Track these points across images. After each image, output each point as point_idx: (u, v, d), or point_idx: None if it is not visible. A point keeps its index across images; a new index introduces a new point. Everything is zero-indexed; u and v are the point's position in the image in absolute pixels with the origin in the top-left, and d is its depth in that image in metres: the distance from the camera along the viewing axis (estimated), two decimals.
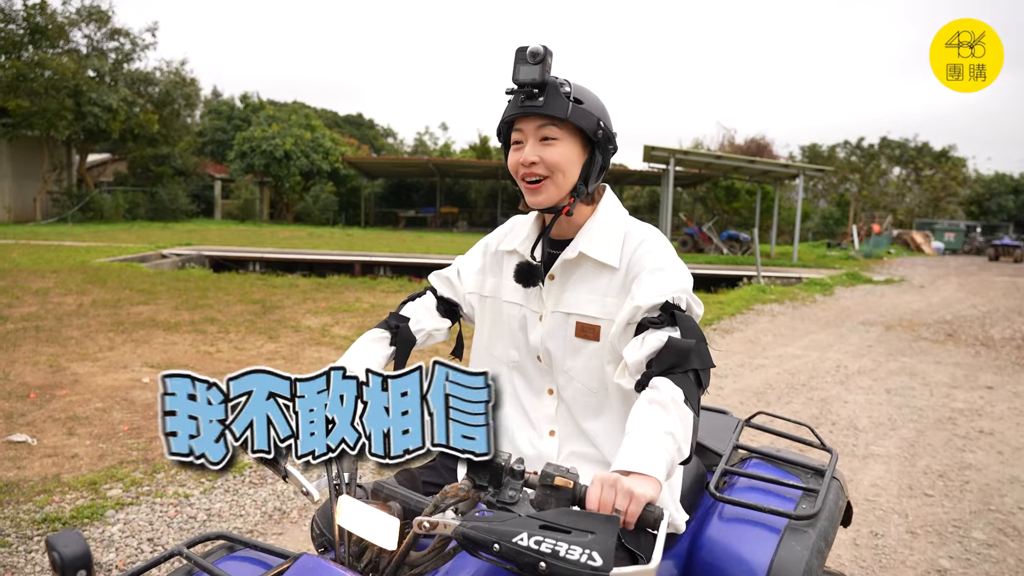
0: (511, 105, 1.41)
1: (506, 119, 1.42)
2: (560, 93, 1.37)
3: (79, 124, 22.49)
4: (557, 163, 1.39)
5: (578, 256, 1.45)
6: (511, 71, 1.36)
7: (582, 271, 1.46)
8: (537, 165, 1.39)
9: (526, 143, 1.41)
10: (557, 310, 1.47)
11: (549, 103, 1.36)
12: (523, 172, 1.41)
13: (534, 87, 1.36)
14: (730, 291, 12.87)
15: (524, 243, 1.54)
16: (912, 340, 8.22)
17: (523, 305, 1.52)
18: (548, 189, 1.41)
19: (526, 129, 1.40)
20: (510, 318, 1.54)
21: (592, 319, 1.43)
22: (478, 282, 1.63)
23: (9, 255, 12.90)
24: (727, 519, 1.53)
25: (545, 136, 1.39)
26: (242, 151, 29.81)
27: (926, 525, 3.35)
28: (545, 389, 1.50)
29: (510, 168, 1.46)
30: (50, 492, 3.30)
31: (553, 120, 1.37)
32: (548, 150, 1.39)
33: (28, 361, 5.71)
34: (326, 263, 15.17)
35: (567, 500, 0.95)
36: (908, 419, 5.07)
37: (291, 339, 6.98)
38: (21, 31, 22.20)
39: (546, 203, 1.42)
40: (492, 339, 1.58)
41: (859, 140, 41.21)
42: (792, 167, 21.39)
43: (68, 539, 0.77)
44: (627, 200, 36.30)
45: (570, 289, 1.47)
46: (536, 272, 1.47)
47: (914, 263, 20.14)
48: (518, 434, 1.50)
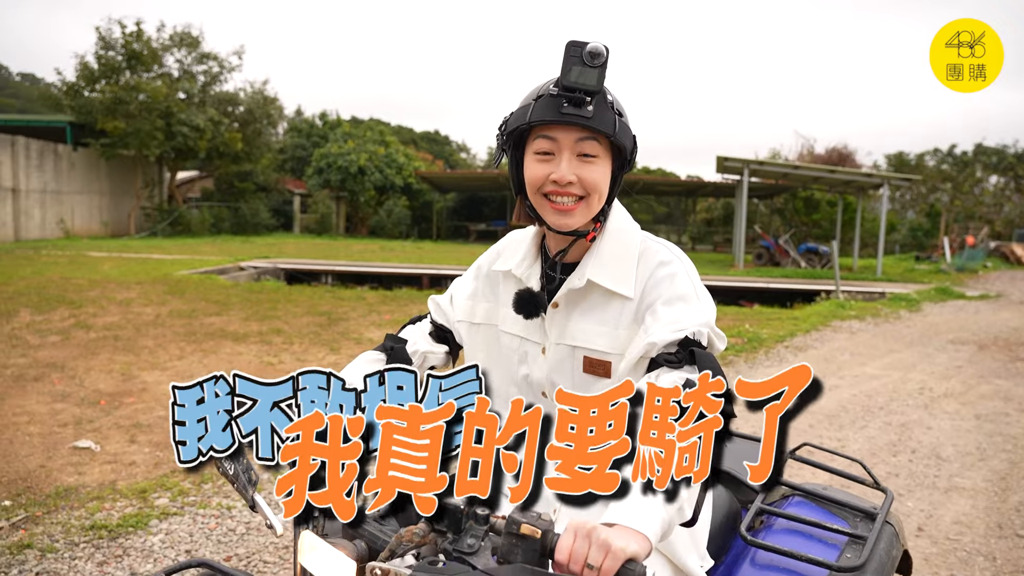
0: (545, 107, 1.19)
1: (536, 122, 1.20)
2: (607, 104, 1.19)
3: (169, 143, 23.73)
4: (596, 184, 1.23)
5: (586, 284, 1.28)
6: (560, 69, 1.17)
7: (590, 300, 1.29)
8: (574, 185, 1.22)
9: (560, 156, 1.22)
10: (562, 342, 1.30)
11: (598, 115, 1.17)
12: (552, 189, 1.23)
13: (586, 93, 1.16)
14: (806, 306, 12.29)
15: (522, 265, 1.37)
16: (1008, 361, 7.59)
17: (523, 338, 1.35)
18: (581, 212, 1.24)
19: (562, 140, 1.21)
20: (508, 351, 1.37)
21: (602, 353, 1.26)
22: (468, 308, 1.46)
23: (101, 267, 13.66)
24: (760, 566, 1.37)
25: (585, 152, 1.21)
26: (319, 167, 30.80)
27: (1018, 571, 3.01)
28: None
29: (531, 181, 1.25)
30: (103, 499, 3.38)
31: (596, 135, 1.20)
32: (587, 168, 1.22)
33: (104, 369, 5.96)
34: (395, 276, 15.41)
35: (535, 552, 0.83)
36: (1000, 448, 4.63)
37: (352, 351, 7.05)
38: (120, 57, 23.69)
39: (574, 226, 1.25)
40: (488, 370, 1.43)
41: (951, 147, 38.97)
42: (876, 176, 20.38)
43: None
44: (700, 212, 35.52)
45: (576, 319, 1.30)
46: (538, 301, 1.31)
47: (1013, 277, 18.75)
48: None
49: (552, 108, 1.18)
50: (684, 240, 32.25)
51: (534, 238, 1.40)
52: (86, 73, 23.24)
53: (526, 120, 1.21)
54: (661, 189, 32.79)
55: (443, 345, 1.50)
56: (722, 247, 28.86)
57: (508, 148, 1.29)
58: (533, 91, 1.26)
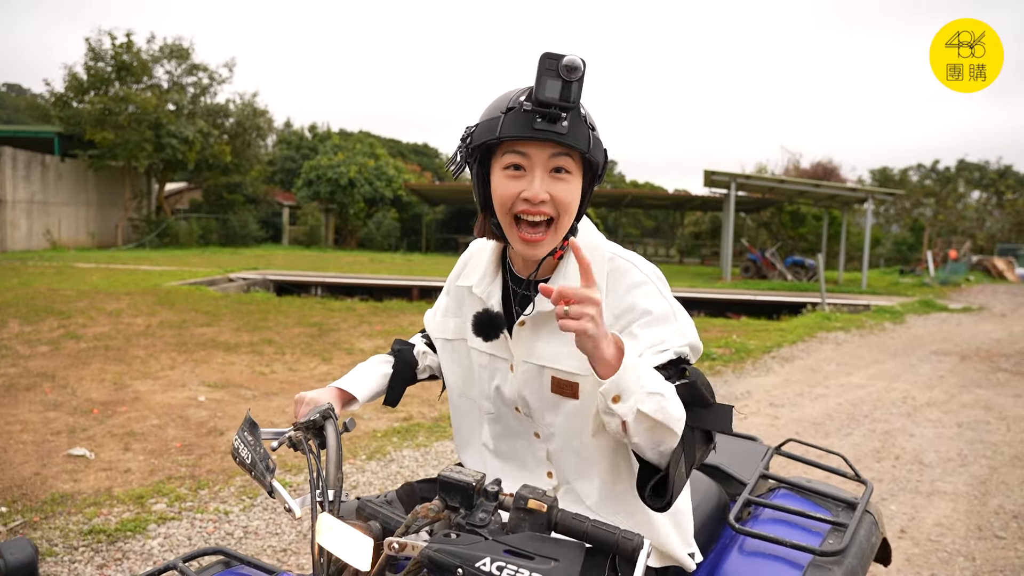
0: (516, 121, 1.12)
1: (506, 137, 1.13)
2: (581, 118, 1.14)
3: (158, 155, 23.70)
4: (568, 203, 1.17)
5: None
6: (534, 82, 1.10)
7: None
8: (546, 204, 1.16)
9: (532, 173, 1.15)
10: (530, 361, 1.26)
11: (573, 131, 1.12)
12: (523, 208, 1.17)
13: (562, 109, 1.10)
14: (792, 318, 12.44)
15: (482, 283, 1.33)
16: (989, 371, 7.74)
17: (492, 354, 1.31)
18: (551, 239, 1.19)
19: (534, 156, 1.15)
20: (480, 368, 1.34)
21: (569, 375, 1.22)
22: (441, 325, 1.45)
23: (90, 278, 13.61)
24: (747, 553, 1.44)
25: (558, 167, 1.16)
26: (309, 179, 30.84)
27: (996, 570, 3.10)
28: (531, 433, 1.32)
29: (500, 199, 1.18)
30: (100, 505, 3.40)
31: (570, 151, 1.15)
32: (560, 186, 1.16)
33: (95, 378, 5.96)
34: (385, 287, 15.44)
35: (541, 524, 0.90)
36: (981, 455, 4.74)
37: (343, 361, 7.09)
38: (109, 69, 23.67)
39: (543, 255, 1.21)
40: (466, 384, 1.39)
41: (934, 163, 39.64)
42: (860, 191, 20.68)
43: (17, 547, 0.77)
44: (688, 226, 35.79)
45: (544, 339, 1.25)
46: (497, 324, 1.26)
47: (995, 290, 19.03)
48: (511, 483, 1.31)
49: (524, 123, 1.12)
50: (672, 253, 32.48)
51: (494, 252, 1.35)
52: (75, 84, 23.21)
53: (495, 135, 1.14)
54: (649, 203, 33.05)
55: (434, 352, 1.53)
56: (710, 260, 29.10)
57: (473, 162, 1.22)
58: (500, 101, 1.18)
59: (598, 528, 0.89)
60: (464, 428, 1.44)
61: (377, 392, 1.48)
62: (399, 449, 4.45)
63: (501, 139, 1.14)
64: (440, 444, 4.57)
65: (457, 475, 0.95)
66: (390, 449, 4.43)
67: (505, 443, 1.36)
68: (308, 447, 1.15)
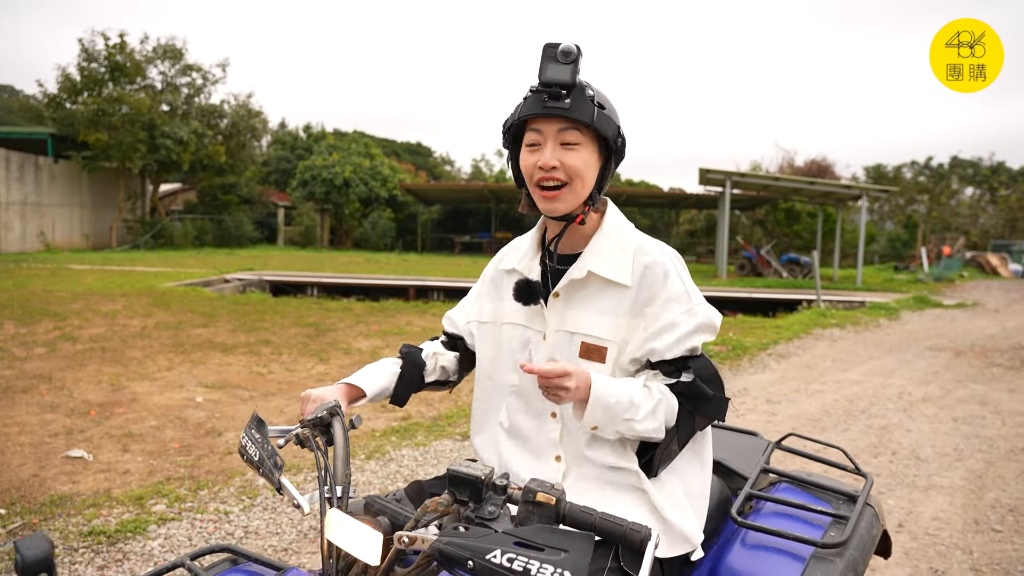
0: (531, 103, 1.33)
1: (523, 117, 1.34)
2: (585, 96, 1.31)
3: (152, 156, 23.61)
4: (578, 169, 1.33)
5: (587, 275, 1.38)
6: (537, 68, 1.31)
7: (590, 290, 1.39)
8: (557, 170, 1.33)
9: (545, 146, 1.34)
10: (562, 329, 1.39)
11: (576, 106, 1.30)
12: (540, 176, 1.35)
13: (562, 88, 1.29)
14: (788, 315, 12.48)
15: (523, 260, 1.49)
16: (984, 367, 7.78)
17: (525, 326, 1.45)
18: (566, 197, 1.35)
19: (546, 131, 1.34)
20: (511, 339, 1.47)
21: (599, 340, 1.36)
22: (476, 310, 1.58)
23: (84, 280, 13.57)
24: (750, 546, 1.45)
25: (567, 141, 1.33)
26: (303, 179, 30.76)
27: (993, 563, 3.12)
28: (548, 412, 1.41)
29: (524, 170, 1.39)
30: (99, 506, 3.40)
31: (577, 124, 1.32)
32: (569, 155, 1.33)
33: (92, 380, 5.95)
34: (381, 287, 15.43)
35: (550, 517, 0.91)
36: (976, 449, 4.77)
37: (341, 361, 7.09)
38: (103, 69, 23.58)
39: (563, 211, 1.36)
40: (494, 365, 1.51)
41: (927, 160, 39.79)
42: (855, 188, 20.73)
43: (33, 543, 0.77)
44: (683, 224, 35.84)
45: (576, 307, 1.39)
46: (535, 289, 1.40)
47: (989, 286, 19.12)
48: (517, 464, 1.42)
49: (536, 103, 1.32)
50: None
51: (535, 234, 1.52)
52: (68, 85, 23.11)
53: (517, 116, 1.36)
54: (644, 201, 33.08)
55: (454, 352, 1.64)
56: (705, 258, 29.14)
57: (509, 144, 1.44)
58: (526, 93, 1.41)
59: (606, 520, 0.90)
60: (483, 410, 1.54)
61: (384, 389, 1.50)
62: (398, 448, 4.45)
63: (520, 119, 1.35)
64: (439, 443, 4.58)
65: (466, 469, 0.96)
66: (389, 448, 4.44)
67: (521, 420, 1.45)
68: (316, 444, 1.16)
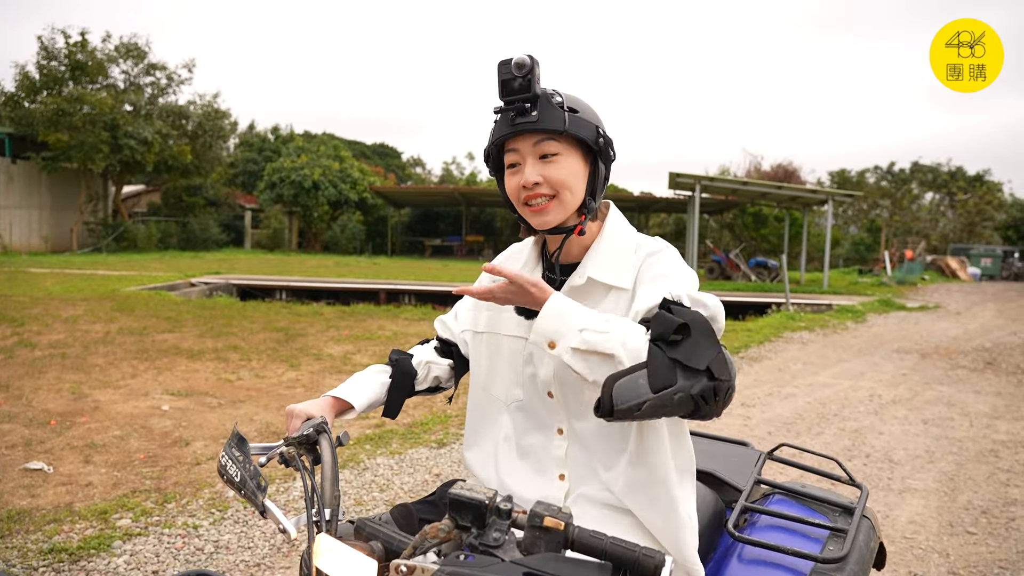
0: (500, 124, 1.29)
1: (496, 141, 1.30)
2: (553, 104, 1.26)
3: (115, 156, 23.09)
4: (562, 180, 1.28)
5: (587, 281, 1.33)
6: (497, 88, 1.26)
7: (591, 296, 1.33)
8: (541, 186, 1.28)
9: (524, 164, 1.29)
10: None
11: (543, 116, 1.25)
12: (525, 196, 1.30)
13: (525, 102, 1.24)
14: (758, 318, 12.62)
15: (524, 271, 1.41)
16: (949, 368, 7.93)
17: (528, 339, 1.36)
18: (555, 208, 1.30)
19: (522, 148, 1.29)
20: (512, 353, 1.40)
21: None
22: (472, 319, 1.50)
23: (43, 284, 13.16)
24: (747, 561, 1.42)
25: (544, 153, 1.28)
26: (271, 181, 30.33)
27: (969, 566, 3.15)
28: (554, 428, 1.35)
29: (509, 194, 1.34)
30: (60, 521, 3.26)
31: (550, 134, 1.26)
32: (550, 168, 1.28)
33: (52, 388, 5.74)
34: (351, 291, 15.24)
35: (557, 543, 0.86)
36: (947, 451, 4.84)
37: (312, 367, 6.95)
38: (63, 68, 22.99)
39: (553, 222, 1.31)
40: (490, 378, 1.44)
41: (890, 165, 40.66)
42: (820, 192, 21.09)
43: None
44: (653, 228, 36.15)
45: None
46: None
47: (949, 289, 19.61)
48: (515, 481, 1.36)
49: (505, 123, 1.28)
50: None
51: (534, 245, 1.46)
52: (27, 83, 22.49)
53: (491, 142, 1.33)
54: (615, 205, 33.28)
55: (447, 359, 1.55)
56: None
57: (493, 172, 1.40)
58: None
59: (617, 545, 0.85)
60: (477, 425, 1.47)
61: (375, 401, 1.43)
62: (372, 457, 4.36)
63: (495, 143, 1.32)
64: (415, 451, 4.50)
65: (468, 493, 0.90)
66: (364, 457, 4.34)
67: (524, 437, 1.38)
68: (301, 463, 1.10)
